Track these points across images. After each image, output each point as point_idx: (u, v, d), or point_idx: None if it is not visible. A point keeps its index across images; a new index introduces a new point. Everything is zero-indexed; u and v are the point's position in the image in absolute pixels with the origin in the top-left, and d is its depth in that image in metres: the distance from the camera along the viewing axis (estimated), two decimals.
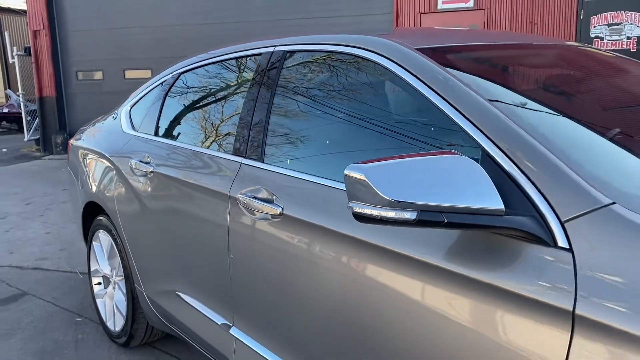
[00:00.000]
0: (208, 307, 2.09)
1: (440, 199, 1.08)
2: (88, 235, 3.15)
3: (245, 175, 1.86)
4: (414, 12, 8.79)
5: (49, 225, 5.47)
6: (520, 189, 1.16)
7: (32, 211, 6.10)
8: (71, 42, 10.69)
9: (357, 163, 1.13)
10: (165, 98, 2.62)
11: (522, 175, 1.17)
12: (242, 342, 1.89)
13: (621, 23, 8.01)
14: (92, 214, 3.07)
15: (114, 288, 2.92)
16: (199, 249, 2.08)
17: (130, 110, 2.90)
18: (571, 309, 1.01)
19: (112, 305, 2.94)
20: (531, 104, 1.46)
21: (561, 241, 1.07)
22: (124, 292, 2.78)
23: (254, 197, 1.76)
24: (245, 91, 2.07)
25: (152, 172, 2.37)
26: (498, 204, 1.09)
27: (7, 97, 15.12)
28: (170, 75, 2.66)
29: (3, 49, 14.36)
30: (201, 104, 2.37)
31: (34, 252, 4.61)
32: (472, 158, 1.17)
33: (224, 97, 2.23)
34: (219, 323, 2.01)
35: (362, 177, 1.10)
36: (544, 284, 1.06)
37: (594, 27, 8.13)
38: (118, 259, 2.78)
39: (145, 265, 2.51)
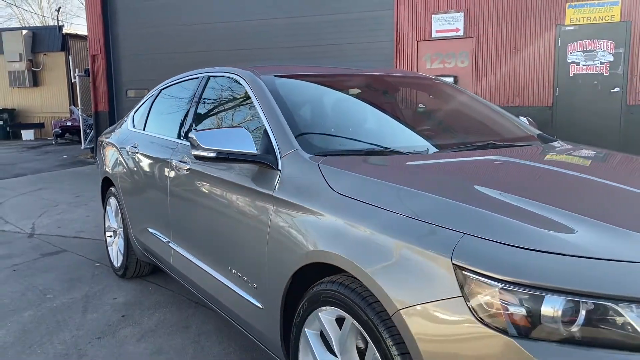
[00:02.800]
0: (159, 233, 3.35)
1: (228, 147, 2.29)
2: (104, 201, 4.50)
3: (178, 150, 3.12)
4: (411, 40, 9.89)
5: (89, 211, 6.91)
6: (272, 145, 2.35)
7: (79, 202, 7.59)
8: (123, 65, 12.41)
9: (195, 131, 2.36)
10: (151, 105, 3.93)
11: (275, 140, 2.36)
12: (174, 249, 3.14)
13: (595, 50, 8.85)
14: (107, 187, 4.40)
15: (118, 237, 4.23)
16: (156, 197, 3.35)
17: (133, 115, 4.23)
18: (272, 193, 2.19)
19: (116, 249, 4.24)
20: (312, 106, 2.66)
21: (280, 167, 2.26)
22: (122, 237, 4.08)
23: (180, 161, 3.02)
24: (188, 99, 3.35)
25: (136, 152, 3.67)
26: (253, 149, 2.29)
27: (71, 112, 17.14)
28: (156, 90, 3.98)
29: (68, 70, 16.34)
30: (167, 107, 3.67)
31: (75, 227, 6.03)
32: (261, 131, 2.38)
33: (178, 103, 3.51)
34: (164, 240, 3.27)
35: (194, 136, 2.32)
36: (273, 184, 2.24)
37: (571, 53, 9.00)
38: (120, 215, 4.09)
39: (132, 215, 3.81)
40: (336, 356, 1.90)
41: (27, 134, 18.59)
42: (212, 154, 2.30)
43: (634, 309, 1.35)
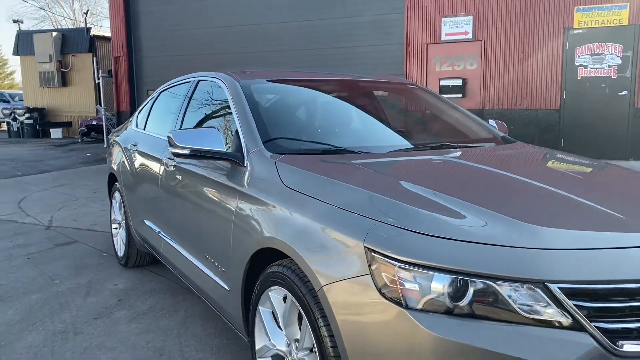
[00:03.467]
0: (153, 224, 3.65)
1: (201, 145, 2.56)
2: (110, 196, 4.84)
3: (168, 148, 3.41)
4: (421, 43, 10.08)
5: (105, 206, 7.28)
6: (241, 144, 2.61)
7: (97, 197, 7.98)
8: (144, 66, 12.87)
9: (173, 130, 2.64)
10: (151, 106, 4.24)
11: (243, 139, 2.62)
12: (164, 239, 3.43)
13: (603, 53, 8.91)
14: (112, 182, 4.74)
15: (121, 229, 4.55)
16: (150, 192, 3.65)
17: (137, 115, 4.55)
18: (237, 187, 2.45)
19: (120, 240, 4.57)
20: (283, 109, 2.92)
21: (246, 164, 2.52)
22: (125, 228, 4.40)
23: (168, 158, 3.31)
24: (181, 101, 3.64)
25: (135, 150, 3.98)
26: (222, 148, 2.56)
27: (97, 111, 17.75)
28: (157, 92, 4.29)
29: (95, 70, 16.91)
30: (163, 108, 3.98)
31: (89, 220, 6.40)
32: (233, 131, 2.65)
33: (173, 105, 3.81)
34: (156, 231, 3.57)
35: (171, 135, 2.60)
36: (240, 179, 2.50)
37: (579, 56, 9.07)
38: (123, 208, 4.42)
39: (132, 208, 4.12)
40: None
41: (56, 132, 19.28)
42: (186, 151, 2.58)
43: (510, 287, 1.57)
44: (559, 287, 1.55)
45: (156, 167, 3.51)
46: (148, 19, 12.62)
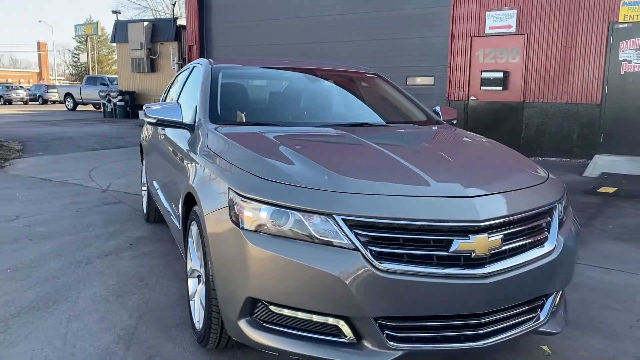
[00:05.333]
0: (156, 184, 4.48)
1: (163, 116, 3.31)
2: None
3: None
4: (465, 35, 10.32)
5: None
6: (196, 115, 3.33)
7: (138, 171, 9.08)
8: (214, 55, 13.98)
9: (146, 105, 3.41)
10: (169, 87, 5.08)
11: (198, 111, 3.34)
12: (160, 196, 4.24)
13: None
14: (142, 152, 5.66)
15: (146, 191, 5.46)
16: (154, 157, 4.47)
17: (164, 95, 5.42)
18: (185, 149, 3.18)
19: (145, 200, 5.48)
20: (240, 90, 3.61)
21: (194, 131, 3.23)
22: (147, 189, 5.29)
23: (161, 129, 4.10)
24: (182, 82, 4.42)
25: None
26: (180, 118, 3.29)
27: None
28: (175, 76, 5.11)
29: (172, 58, 18.28)
30: (174, 89, 4.79)
31: (139, 187, 7.44)
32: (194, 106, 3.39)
33: (178, 85, 4.60)
34: (157, 189, 4.39)
35: (144, 108, 3.38)
36: (190, 143, 3.22)
37: (623, 51, 8.98)
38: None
39: (147, 171, 4.99)
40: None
41: (142, 114, 21.12)
42: (154, 120, 3.34)
43: (312, 217, 2.17)
44: (342, 219, 2.14)
45: (155, 138, 4.32)
46: (219, 12, 13.71)
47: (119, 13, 25.00)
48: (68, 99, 30.00)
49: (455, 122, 4.03)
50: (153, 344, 2.87)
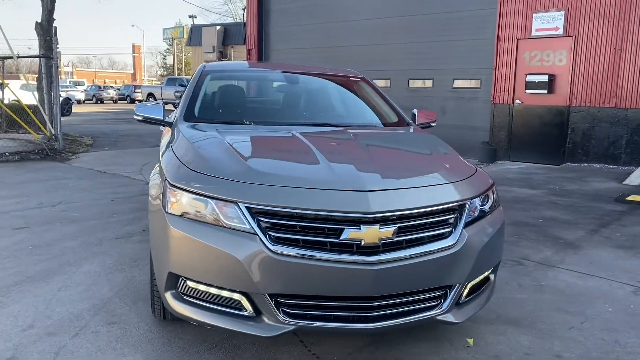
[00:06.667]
0: None
1: (147, 114, 3.74)
2: None
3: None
4: (511, 38, 10.14)
5: None
6: (176, 114, 3.72)
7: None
8: (271, 58, 14.53)
9: (137, 104, 3.85)
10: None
11: (179, 110, 3.72)
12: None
13: None
14: None
15: None
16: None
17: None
18: (166, 143, 3.58)
19: None
20: (221, 92, 3.96)
21: (173, 126, 3.62)
22: None
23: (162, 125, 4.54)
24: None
25: None
26: (161, 117, 3.70)
27: None
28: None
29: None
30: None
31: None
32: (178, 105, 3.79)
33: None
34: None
35: (134, 107, 3.82)
36: (169, 138, 3.62)
37: None
38: None
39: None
40: None
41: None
42: (140, 118, 3.77)
43: (221, 204, 2.47)
44: (246, 207, 2.42)
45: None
46: (277, 16, 14.24)
47: (195, 17, 26.33)
48: (150, 99, 31.98)
49: (433, 125, 4.15)
50: (117, 313, 3.28)
